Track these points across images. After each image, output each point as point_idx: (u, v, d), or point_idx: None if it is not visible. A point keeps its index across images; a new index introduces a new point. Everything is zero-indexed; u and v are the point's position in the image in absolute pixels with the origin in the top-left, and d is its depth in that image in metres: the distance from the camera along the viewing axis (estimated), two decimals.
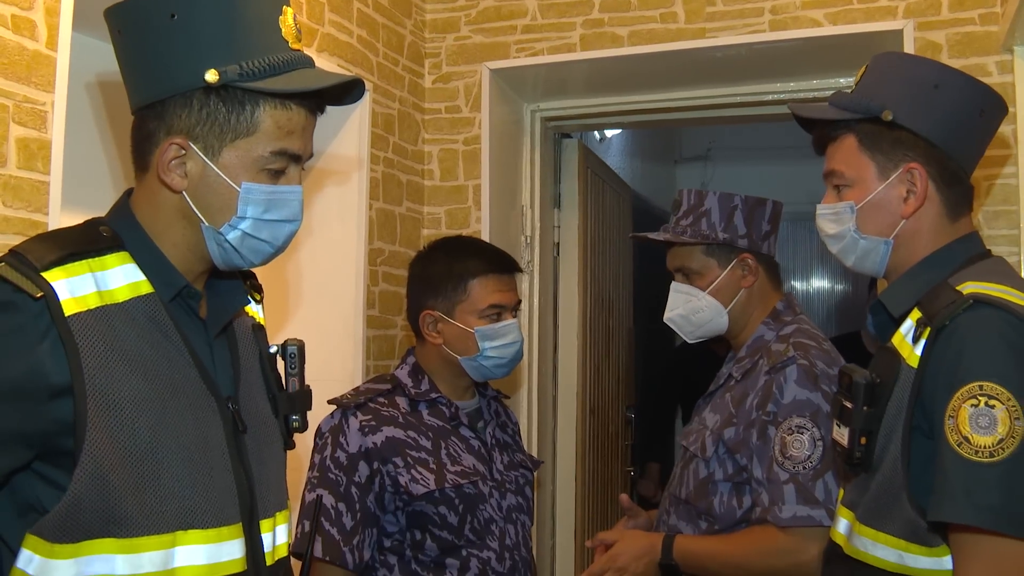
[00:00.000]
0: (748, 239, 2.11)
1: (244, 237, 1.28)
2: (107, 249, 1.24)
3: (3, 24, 1.60)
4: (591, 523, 3.87)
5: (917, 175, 1.49)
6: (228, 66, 1.22)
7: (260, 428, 1.39)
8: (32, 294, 1.12)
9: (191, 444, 1.23)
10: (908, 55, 1.62)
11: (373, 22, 2.79)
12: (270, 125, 1.26)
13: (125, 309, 1.21)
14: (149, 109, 1.25)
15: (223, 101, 1.24)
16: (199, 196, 1.26)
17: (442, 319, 2.08)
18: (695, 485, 2.03)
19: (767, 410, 1.92)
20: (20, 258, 1.16)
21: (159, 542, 1.17)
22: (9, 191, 1.61)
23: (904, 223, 1.51)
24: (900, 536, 1.35)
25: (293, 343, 1.49)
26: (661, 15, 2.85)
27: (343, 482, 1.92)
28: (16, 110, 1.63)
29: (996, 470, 1.23)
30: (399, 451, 1.96)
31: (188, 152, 1.24)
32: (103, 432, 1.14)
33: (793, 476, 1.84)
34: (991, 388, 1.26)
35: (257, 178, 1.27)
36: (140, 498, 1.16)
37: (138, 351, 1.20)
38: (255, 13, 1.27)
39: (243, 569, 1.27)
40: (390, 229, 2.89)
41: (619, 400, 4.39)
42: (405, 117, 2.99)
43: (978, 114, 1.50)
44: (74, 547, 1.13)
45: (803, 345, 1.96)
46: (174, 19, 1.22)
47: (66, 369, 1.13)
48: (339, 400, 2.03)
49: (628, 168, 5.51)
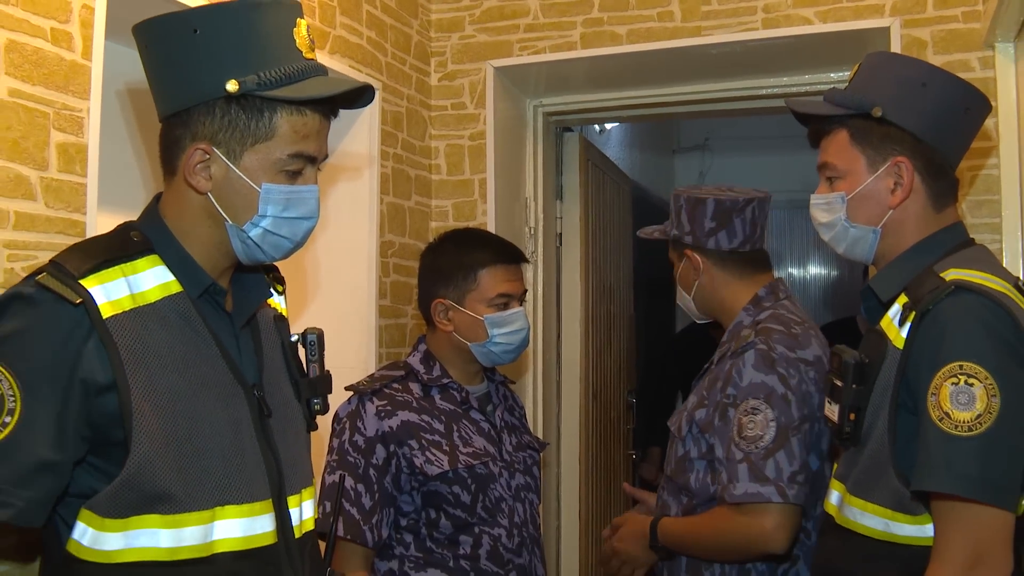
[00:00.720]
0: (692, 235, 2.19)
1: (265, 234, 1.37)
2: (138, 253, 1.33)
3: (43, 36, 1.68)
4: (595, 504, 3.95)
5: (904, 168, 1.57)
6: (247, 76, 1.30)
7: (284, 411, 1.48)
8: (72, 300, 1.22)
9: (224, 429, 1.33)
10: (898, 55, 1.69)
11: (381, 23, 2.89)
12: (287, 130, 1.35)
13: (157, 309, 1.31)
14: (175, 117, 1.34)
15: (243, 109, 1.33)
16: (223, 197, 1.35)
17: (453, 307, 2.15)
18: (675, 462, 2.13)
19: (727, 392, 2.00)
20: (59, 267, 1.26)
21: (199, 518, 1.27)
22: (51, 193, 1.70)
23: (891, 213, 1.59)
24: (886, 506, 1.44)
25: (313, 332, 1.58)
26: (658, 14, 2.93)
27: (361, 464, 2.00)
28: (56, 117, 1.71)
29: (974, 443, 1.32)
30: (414, 434, 2.03)
31: (212, 156, 1.33)
32: (146, 422, 1.24)
33: (747, 455, 1.91)
34: (970, 368, 1.34)
35: (276, 179, 1.35)
36: (182, 479, 1.26)
37: (170, 347, 1.30)
38: (271, 26, 1.35)
39: (274, 541, 1.37)
40: (400, 222, 2.98)
41: (621, 385, 4.46)
42: (413, 114, 3.08)
43: (963, 111, 1.58)
44: (123, 522, 1.23)
45: (767, 330, 2.03)
46: (197, 34, 1.31)
47: (108, 367, 1.23)
48: (355, 387, 2.10)
49: (627, 159, 5.55)
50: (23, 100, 1.65)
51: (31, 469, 1.19)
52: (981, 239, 2.50)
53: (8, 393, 1.18)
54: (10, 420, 1.18)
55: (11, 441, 1.18)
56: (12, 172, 1.63)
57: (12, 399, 1.18)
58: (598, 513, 4.02)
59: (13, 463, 1.18)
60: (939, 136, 1.57)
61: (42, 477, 1.20)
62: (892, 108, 1.57)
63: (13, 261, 1.63)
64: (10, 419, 1.18)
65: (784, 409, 1.92)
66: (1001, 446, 1.32)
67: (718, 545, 1.99)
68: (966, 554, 1.33)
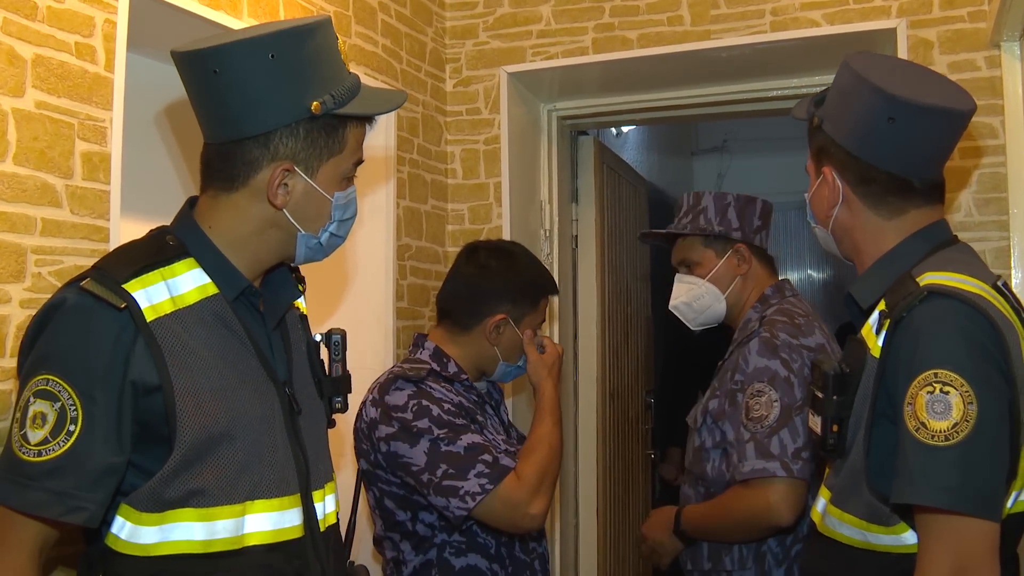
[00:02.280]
0: (741, 231, 2.32)
1: (331, 237, 1.48)
2: (175, 257, 1.39)
3: (68, 51, 1.75)
4: (613, 503, 3.99)
5: (827, 176, 1.59)
6: (324, 96, 1.39)
7: (310, 409, 1.53)
8: (117, 305, 1.27)
9: (259, 425, 1.39)
10: (859, 60, 1.60)
11: (396, 32, 2.94)
12: (353, 142, 1.46)
13: (195, 311, 1.36)
14: (252, 139, 1.38)
15: (323, 128, 1.41)
16: (298, 210, 1.43)
17: (508, 324, 2.20)
18: (693, 454, 2.25)
19: (735, 379, 2.12)
20: (103, 273, 1.31)
21: (231, 511, 1.33)
22: (76, 200, 1.77)
23: (835, 216, 1.61)
24: (861, 516, 1.43)
25: (337, 332, 1.64)
26: (668, 18, 2.97)
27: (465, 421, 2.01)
28: (80, 127, 1.78)
29: (952, 453, 1.28)
30: (471, 416, 2.07)
31: (292, 173, 1.40)
32: (189, 421, 1.29)
33: (753, 435, 2.02)
34: (945, 375, 1.30)
35: (340, 187, 1.46)
36: (218, 474, 1.32)
37: (209, 347, 1.36)
38: (329, 44, 1.43)
39: (301, 535, 1.42)
40: (416, 226, 3.03)
41: (639, 386, 4.49)
42: (428, 120, 3.14)
43: (885, 121, 1.50)
44: (159, 516, 1.29)
45: (771, 320, 2.15)
46: (273, 59, 1.36)
47: (154, 369, 1.28)
48: (407, 375, 2.06)
49: (645, 161, 5.57)
50: (49, 112, 1.72)
51: (98, 473, 1.24)
52: (988, 237, 2.54)
53: (69, 403, 1.23)
54: (74, 429, 1.23)
55: (78, 449, 1.23)
56: (39, 181, 1.70)
57: (74, 408, 1.23)
58: (616, 512, 4.05)
59: (82, 469, 1.23)
60: (862, 147, 1.54)
61: (107, 479, 1.25)
62: (828, 117, 1.60)
63: (40, 266, 1.70)
64: (74, 428, 1.23)
65: (787, 390, 2.02)
66: (980, 455, 1.29)
67: (729, 523, 2.08)
68: (950, 567, 1.29)
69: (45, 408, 1.23)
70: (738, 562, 2.13)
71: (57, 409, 1.23)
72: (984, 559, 1.29)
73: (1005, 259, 2.53)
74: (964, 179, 2.60)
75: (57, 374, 1.24)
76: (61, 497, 1.22)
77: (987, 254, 2.52)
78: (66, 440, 1.23)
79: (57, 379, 1.24)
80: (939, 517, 1.31)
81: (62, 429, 1.23)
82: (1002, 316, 1.38)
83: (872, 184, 1.56)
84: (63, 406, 1.23)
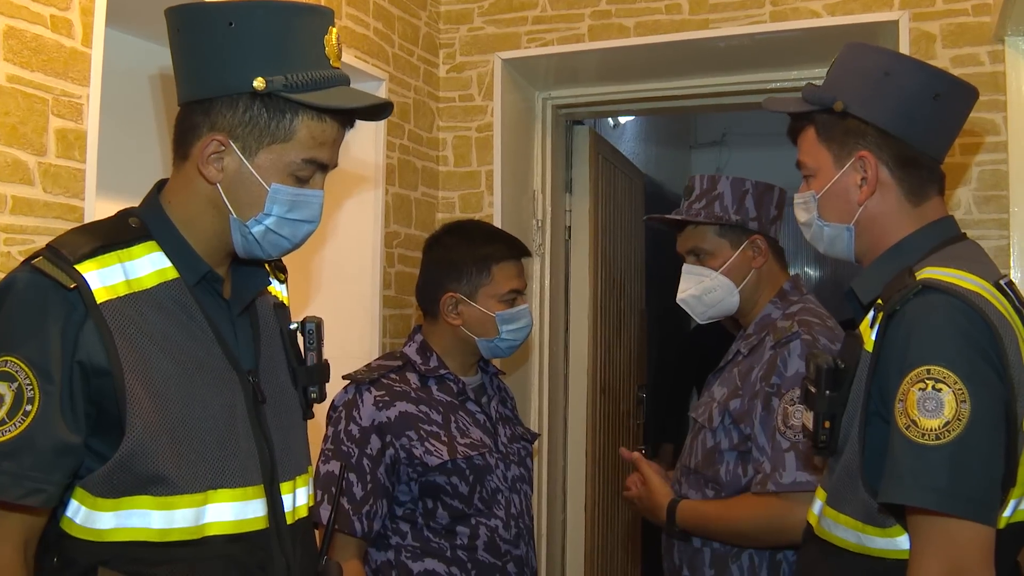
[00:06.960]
0: (758, 222, 2.17)
1: (267, 232, 1.39)
2: (135, 240, 1.35)
3: (43, 23, 1.71)
4: (601, 497, 3.96)
5: (867, 162, 1.52)
6: (275, 76, 1.32)
7: (280, 398, 1.49)
8: (67, 285, 1.24)
9: (218, 413, 1.35)
10: (868, 46, 1.60)
11: (389, 15, 2.90)
12: (305, 135, 1.36)
13: (152, 295, 1.33)
14: (197, 104, 1.35)
15: (266, 107, 1.34)
16: (231, 190, 1.37)
17: (463, 301, 2.16)
18: (703, 454, 2.10)
19: (771, 382, 1.98)
20: (55, 252, 1.27)
21: (191, 500, 1.29)
22: (49, 178, 1.73)
23: (863, 209, 1.54)
24: (856, 517, 1.39)
25: (312, 320, 1.58)
26: (666, 6, 2.93)
27: (355, 454, 2.00)
28: (55, 103, 1.74)
29: (943, 452, 1.24)
30: (412, 425, 2.03)
31: (227, 149, 1.35)
32: (141, 405, 1.25)
33: (793, 444, 1.90)
34: (938, 372, 1.27)
35: (285, 180, 1.37)
36: (176, 461, 1.28)
37: (165, 332, 1.32)
38: (305, 30, 1.36)
39: (265, 526, 1.38)
40: (405, 213, 2.99)
41: (631, 380, 4.46)
42: (420, 105, 3.09)
43: (931, 98, 1.50)
44: (115, 501, 1.25)
45: (807, 322, 2.02)
46: (231, 27, 1.31)
47: (103, 351, 1.25)
48: (353, 376, 2.10)
49: (643, 153, 5.53)
50: (21, 86, 1.68)
51: (55, 453, 1.21)
52: (988, 235, 2.50)
53: (26, 383, 1.20)
54: (31, 409, 1.20)
55: (34, 429, 1.20)
56: (10, 157, 1.65)
57: (31, 388, 1.20)
58: (604, 506, 4.02)
59: (39, 450, 1.20)
60: (906, 126, 1.51)
61: (64, 460, 1.22)
62: (855, 101, 1.53)
63: (10, 245, 1.65)
64: (31, 408, 1.20)
65: None
66: (972, 455, 1.25)
67: (750, 530, 1.97)
68: (939, 571, 1.25)
69: (3, 389, 1.20)
70: (748, 571, 2.01)
71: (14, 389, 1.20)
72: (976, 564, 1.25)
73: (1004, 258, 2.48)
74: (964, 175, 2.55)
75: (13, 354, 1.21)
76: (19, 479, 1.19)
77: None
78: (23, 420, 1.20)
79: (13, 359, 1.21)
80: (929, 519, 1.27)
81: (19, 409, 1.20)
82: (999, 315, 1.34)
83: (911, 167, 1.52)
84: (20, 386, 1.20)
